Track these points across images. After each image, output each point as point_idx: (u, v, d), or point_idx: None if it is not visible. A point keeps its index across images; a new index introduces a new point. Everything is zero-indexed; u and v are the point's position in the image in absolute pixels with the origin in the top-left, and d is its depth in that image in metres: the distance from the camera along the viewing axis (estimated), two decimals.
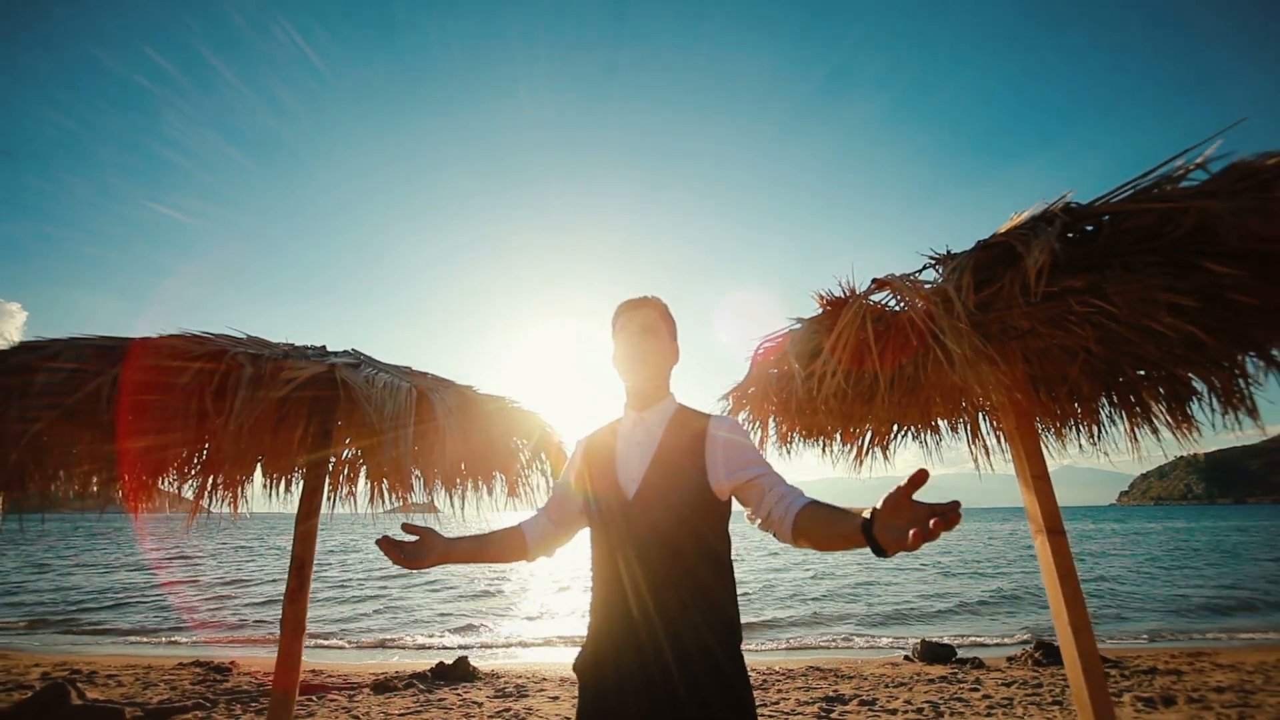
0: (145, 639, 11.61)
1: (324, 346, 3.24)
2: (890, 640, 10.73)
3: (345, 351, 3.21)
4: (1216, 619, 12.59)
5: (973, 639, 10.65)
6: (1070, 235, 2.25)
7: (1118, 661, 7.51)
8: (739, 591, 1.71)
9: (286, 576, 3.11)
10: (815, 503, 1.44)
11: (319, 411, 2.96)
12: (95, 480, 2.93)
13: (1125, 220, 1.91)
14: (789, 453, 4.12)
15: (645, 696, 1.54)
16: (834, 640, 10.91)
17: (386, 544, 1.61)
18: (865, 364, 2.52)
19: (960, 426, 4.24)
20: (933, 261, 2.23)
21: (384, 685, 6.77)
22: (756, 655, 9.71)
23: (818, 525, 1.39)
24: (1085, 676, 2.63)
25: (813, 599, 15.41)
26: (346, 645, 10.86)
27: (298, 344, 3.13)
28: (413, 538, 1.64)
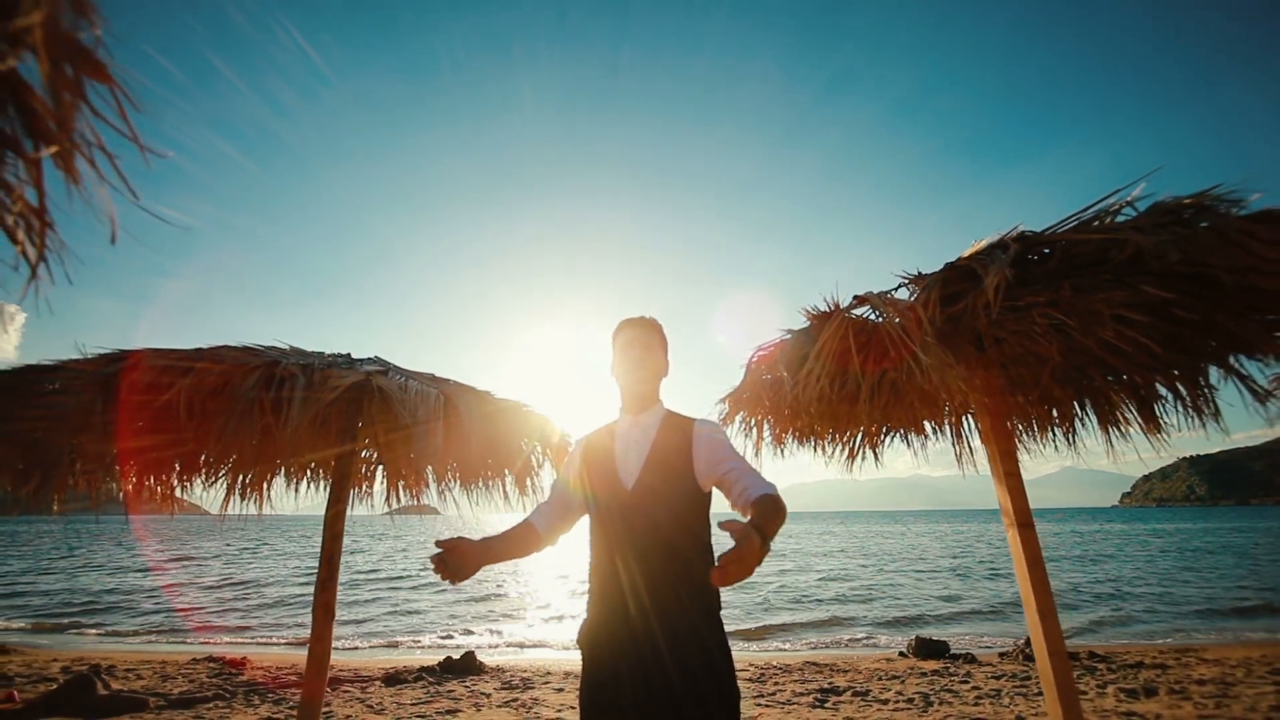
0: (156, 637, 11.86)
1: (349, 354, 3.51)
2: (887, 639, 10.94)
3: (372, 359, 3.47)
4: (1239, 621, 12.40)
5: (989, 638, 10.70)
6: (1032, 257, 2.51)
7: (1106, 657, 7.74)
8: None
9: (313, 567, 3.37)
10: (763, 498, 1.65)
11: (349, 414, 3.22)
12: (152, 482, 3.19)
13: (1074, 246, 2.16)
14: (783, 454, 4.38)
15: (642, 688, 1.73)
16: (841, 641, 11.05)
17: (438, 563, 1.73)
18: (849, 371, 2.77)
19: (947, 429, 4.50)
20: (906, 281, 2.49)
21: (394, 678, 7.02)
22: (756, 653, 9.94)
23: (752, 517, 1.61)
24: (1051, 659, 2.88)
25: (824, 601, 15.48)
26: (357, 645, 11.12)
27: (325, 352, 3.41)
28: (439, 551, 1.75)
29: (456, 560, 1.74)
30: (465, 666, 7.50)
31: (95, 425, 2.51)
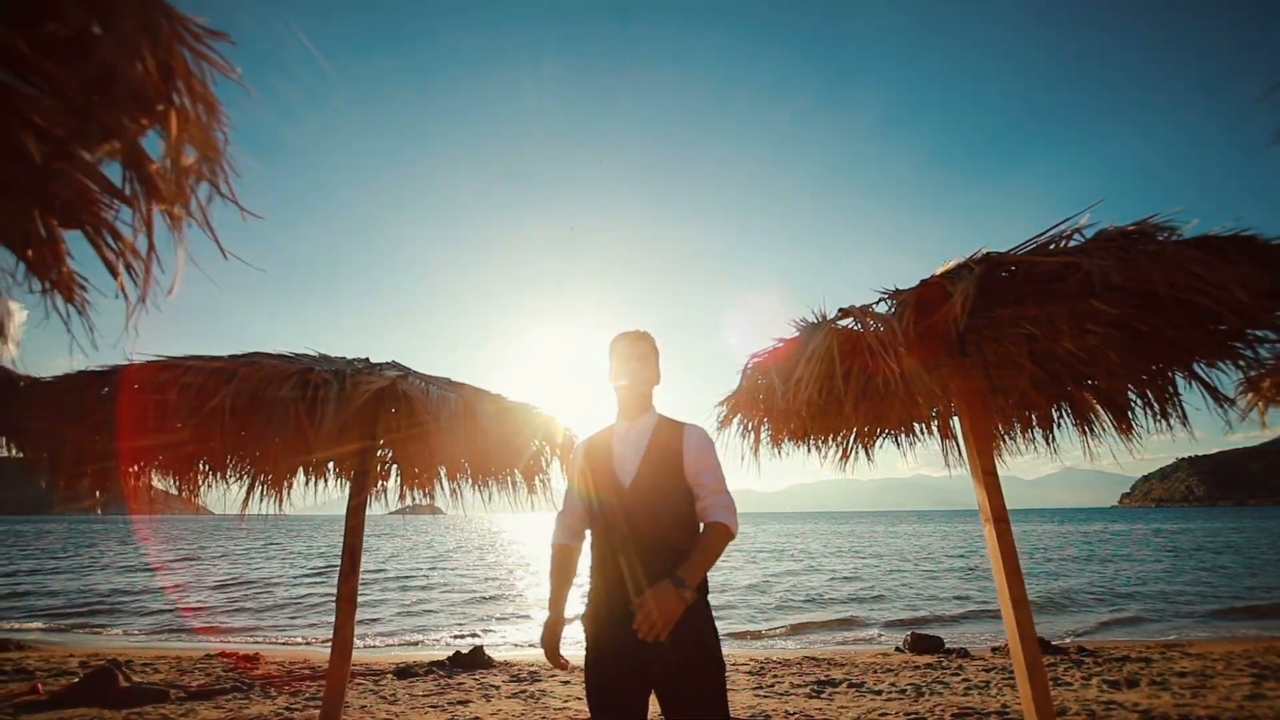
0: (168, 635, 12.11)
1: (368, 359, 3.75)
2: (889, 637, 11.13)
3: (390, 363, 3.70)
4: (1250, 621, 12.31)
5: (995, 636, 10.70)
6: (1004, 274, 2.74)
7: (1095, 651, 7.97)
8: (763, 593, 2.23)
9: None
10: (709, 526, 2.05)
11: (371, 415, 3.46)
12: (179, 483, 3.43)
13: (1035, 266, 2.39)
14: (781, 454, 4.61)
15: (640, 664, 1.99)
16: (849, 640, 11.20)
17: (554, 663, 2.19)
18: (835, 377, 3.00)
19: (935, 430, 4.73)
20: (885, 295, 2.72)
21: (406, 671, 7.25)
22: (759, 649, 10.16)
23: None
24: (1022, 644, 3.12)
25: (835, 601, 15.54)
26: (365, 644, 11.33)
27: (346, 357, 3.64)
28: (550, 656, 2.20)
29: (555, 643, 2.17)
30: (474, 661, 7.74)
31: (143, 428, 2.74)
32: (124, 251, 1.42)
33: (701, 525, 2.10)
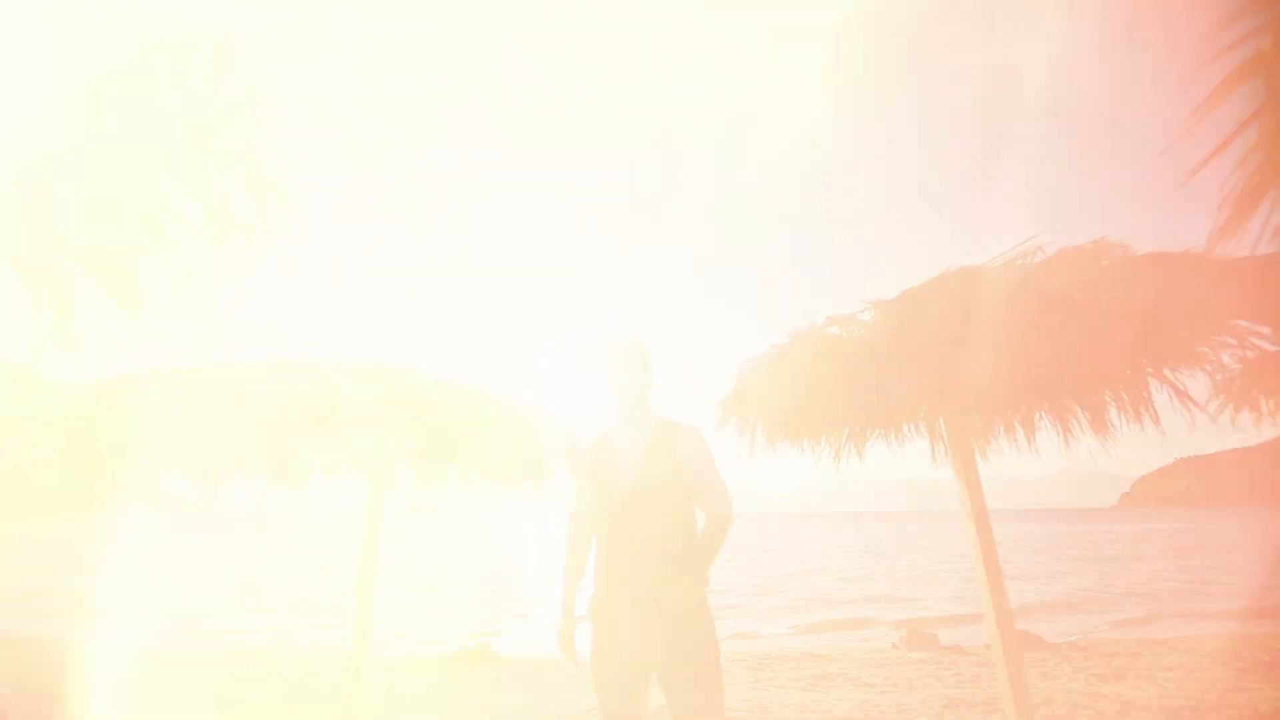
0: (180, 634, 12.30)
1: (379, 362, 3.94)
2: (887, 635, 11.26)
3: (403, 366, 3.90)
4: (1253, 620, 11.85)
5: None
6: (977, 286, 2.94)
7: (1086, 647, 8.14)
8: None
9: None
10: (711, 517, 2.29)
11: (384, 417, 3.66)
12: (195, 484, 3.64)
13: (1005, 279, 2.59)
14: (775, 454, 4.79)
15: (641, 649, 2.20)
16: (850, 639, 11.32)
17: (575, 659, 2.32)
18: (824, 380, 3.20)
19: (923, 430, 4.91)
20: (870, 305, 2.92)
21: (414, 667, 7.46)
22: (756, 647, 10.33)
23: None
24: (1001, 636, 3.31)
25: (841, 603, 15.58)
26: (371, 643, 11.51)
27: (361, 361, 3.84)
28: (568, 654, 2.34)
29: (570, 639, 2.33)
30: (481, 657, 7.95)
31: (170, 430, 2.93)
32: (186, 272, 1.63)
33: (703, 517, 2.30)
